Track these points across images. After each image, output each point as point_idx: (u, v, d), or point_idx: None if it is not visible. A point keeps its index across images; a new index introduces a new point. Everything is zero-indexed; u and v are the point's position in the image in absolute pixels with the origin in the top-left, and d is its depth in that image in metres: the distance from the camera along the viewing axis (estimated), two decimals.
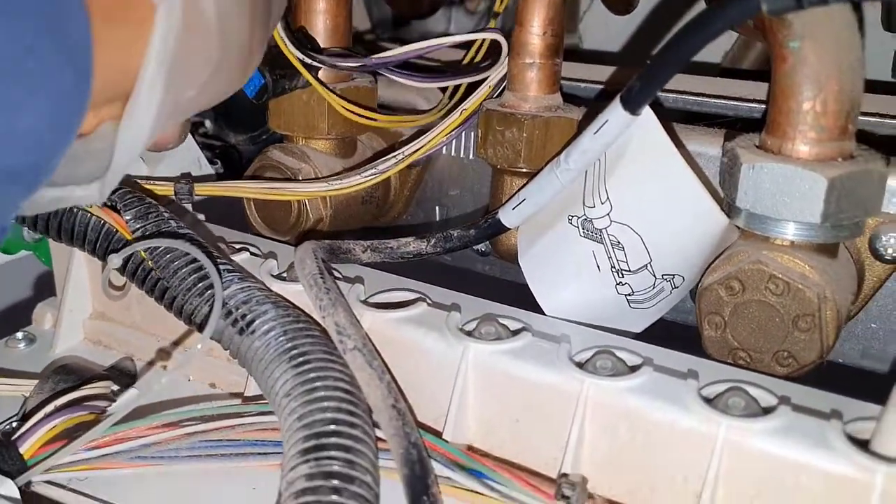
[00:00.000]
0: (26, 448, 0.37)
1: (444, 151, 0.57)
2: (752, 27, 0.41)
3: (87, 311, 0.51)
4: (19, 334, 0.50)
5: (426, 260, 0.51)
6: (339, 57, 0.51)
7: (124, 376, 0.46)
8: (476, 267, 0.58)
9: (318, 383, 0.35)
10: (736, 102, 0.52)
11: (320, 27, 0.52)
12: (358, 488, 0.31)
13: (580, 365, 0.37)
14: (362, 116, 0.51)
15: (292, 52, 0.49)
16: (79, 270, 0.50)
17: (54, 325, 0.51)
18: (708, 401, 0.34)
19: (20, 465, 0.36)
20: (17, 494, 0.34)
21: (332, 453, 0.32)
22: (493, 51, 0.51)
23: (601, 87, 0.54)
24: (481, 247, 0.55)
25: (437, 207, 0.58)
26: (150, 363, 0.48)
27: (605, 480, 0.36)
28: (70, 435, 0.38)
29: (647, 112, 0.40)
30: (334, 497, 0.30)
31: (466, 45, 0.55)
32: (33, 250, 0.53)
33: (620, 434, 0.35)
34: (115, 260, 0.40)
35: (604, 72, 0.56)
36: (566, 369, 0.36)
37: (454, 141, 0.56)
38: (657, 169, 0.41)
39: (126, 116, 0.31)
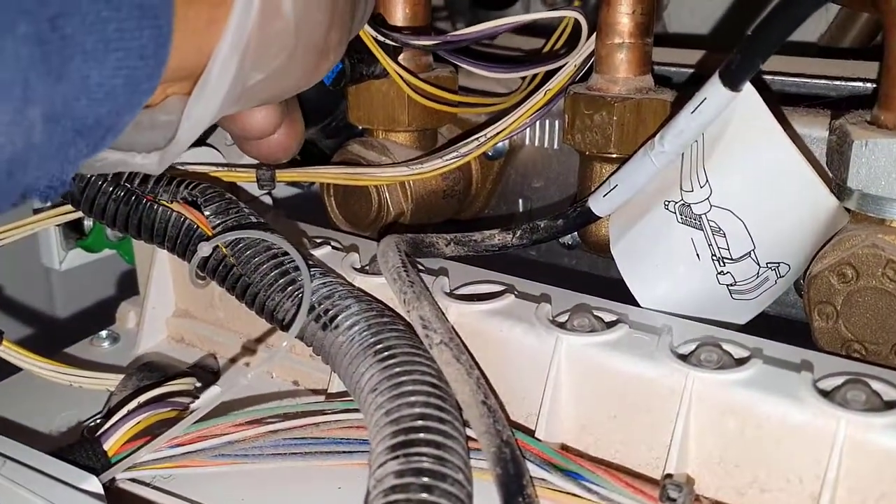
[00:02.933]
0: (110, 445, 0.36)
1: (526, 142, 0.55)
2: None
3: (170, 308, 0.51)
4: (103, 333, 0.50)
5: (511, 253, 0.49)
6: (412, 34, 0.49)
7: (207, 374, 0.46)
8: (562, 261, 0.56)
9: (404, 377, 0.34)
10: (837, 82, 0.48)
11: (399, 15, 0.50)
12: (450, 486, 0.29)
13: (683, 357, 0.34)
14: (437, 101, 0.50)
15: (365, 30, 0.47)
16: (161, 268, 0.49)
17: (138, 324, 0.51)
18: (825, 394, 0.32)
19: (104, 461, 0.36)
20: (101, 491, 0.33)
21: (422, 449, 0.30)
22: (574, 38, 0.49)
23: (691, 70, 0.52)
24: (568, 240, 0.53)
25: (520, 200, 0.56)
26: (233, 360, 0.47)
27: (712, 481, 0.34)
28: (153, 432, 0.37)
29: (748, 88, 0.37)
30: (424, 495, 0.29)
31: (546, 30, 0.53)
32: (116, 249, 0.53)
33: (728, 431, 0.33)
34: (205, 248, 0.39)
35: (693, 55, 0.53)
36: (668, 362, 0.34)
37: (537, 131, 0.54)
38: (760, 148, 0.38)
39: (196, 91, 0.32)
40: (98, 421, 0.39)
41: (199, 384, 0.42)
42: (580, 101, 0.45)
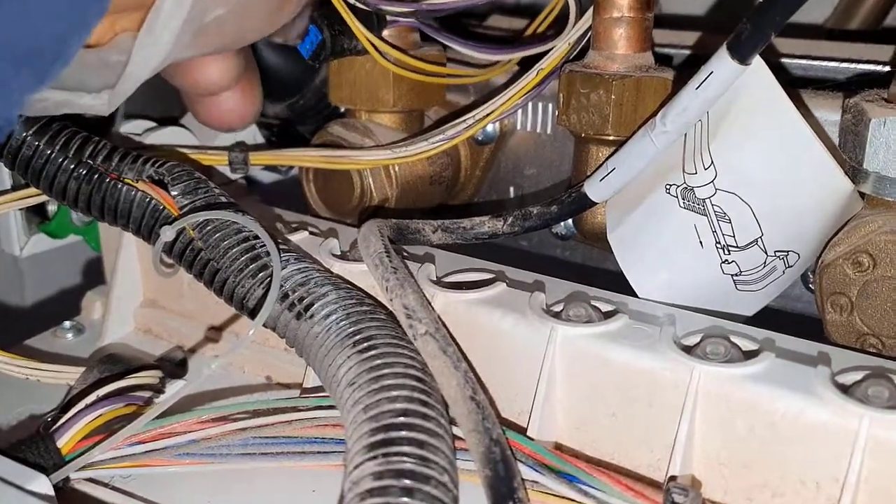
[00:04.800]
0: (64, 441, 0.33)
1: (518, 127, 0.52)
2: None
3: (137, 299, 0.47)
4: (67, 324, 0.47)
5: (501, 244, 0.47)
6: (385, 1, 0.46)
7: (175, 367, 0.43)
8: (555, 253, 0.53)
9: (385, 370, 0.31)
10: (846, 64, 0.46)
11: None
12: (434, 489, 0.27)
13: (688, 350, 0.32)
14: (416, 72, 0.47)
15: None
16: (128, 255, 0.46)
17: (103, 315, 0.48)
18: (844, 390, 0.29)
19: (57, 459, 0.33)
20: (51, 492, 0.30)
21: (404, 448, 0.28)
22: (564, 18, 0.46)
23: (688, 51, 0.49)
24: (561, 230, 0.50)
25: (511, 188, 0.54)
26: (195, 351, 0.44)
27: (719, 485, 0.31)
28: (113, 428, 0.34)
29: (757, 61, 0.35)
30: (406, 499, 0.26)
31: (533, 10, 0.50)
32: (82, 234, 0.50)
33: (738, 429, 0.30)
34: (168, 233, 0.36)
35: (690, 37, 0.50)
36: (672, 354, 0.31)
37: (529, 115, 0.51)
38: (770, 127, 0.36)
39: (150, 19, 0.29)
40: (53, 416, 0.36)
41: (164, 377, 0.39)
42: (576, 80, 0.42)
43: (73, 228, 0.49)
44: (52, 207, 0.49)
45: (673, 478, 0.30)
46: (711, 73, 0.35)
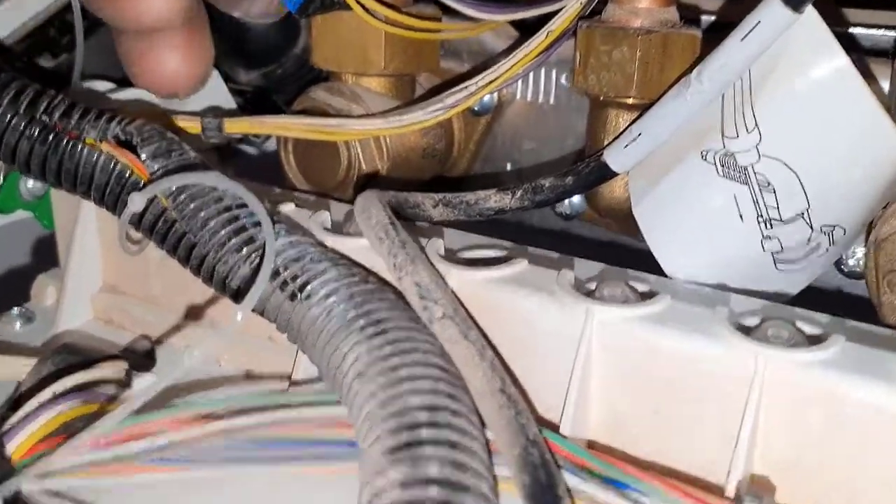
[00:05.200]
0: (15, 446, 0.28)
1: (517, 96, 0.48)
2: None
3: (96, 283, 0.42)
4: (15, 311, 0.42)
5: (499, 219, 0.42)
6: None
7: (141, 359, 0.38)
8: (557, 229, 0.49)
9: (402, 356, 0.26)
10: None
11: None
12: (473, 501, 0.22)
13: (747, 332, 0.28)
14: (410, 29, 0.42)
15: None
16: (86, 233, 0.41)
17: (57, 301, 0.42)
18: None
19: (6, 468, 0.28)
20: None
21: (433, 451, 0.23)
22: None
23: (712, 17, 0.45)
24: (566, 208, 0.46)
25: (508, 164, 0.49)
26: (163, 341, 0.39)
27: (787, 488, 0.27)
28: (72, 430, 0.29)
29: (810, 11, 0.31)
30: None
31: None
32: (32, 210, 0.44)
33: (812, 424, 0.26)
34: (137, 200, 0.31)
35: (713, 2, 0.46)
36: (731, 338, 0.27)
37: (531, 83, 0.47)
38: (824, 85, 0.32)
39: None
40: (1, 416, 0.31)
41: (130, 370, 0.34)
42: (595, 36, 0.38)
43: (21, 203, 0.44)
44: None
45: (744, 482, 0.26)
46: (759, 22, 0.31)
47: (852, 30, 0.42)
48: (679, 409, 0.28)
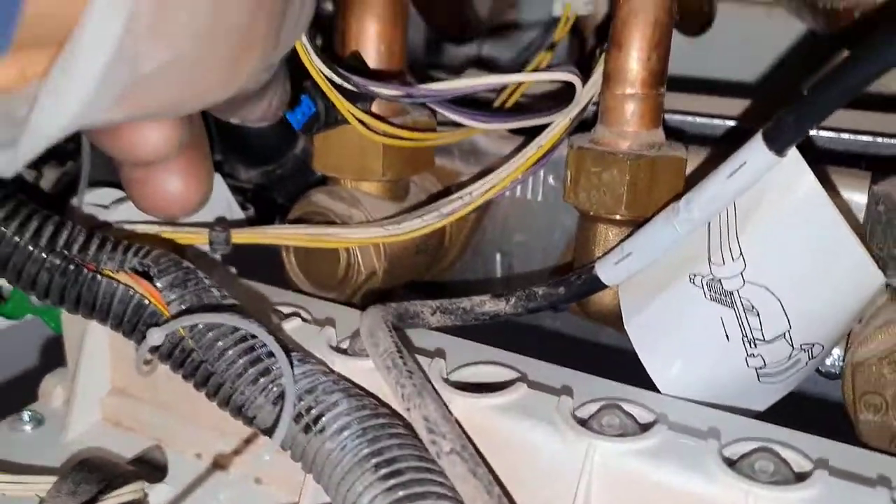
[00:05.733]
0: None
1: (506, 193, 0.50)
2: None
3: (104, 386, 0.43)
4: (25, 415, 0.43)
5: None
6: (375, 81, 0.43)
7: (153, 470, 0.39)
8: (545, 323, 0.51)
9: (415, 501, 0.28)
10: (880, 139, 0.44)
11: (372, 54, 0.45)
12: None
13: (737, 468, 0.29)
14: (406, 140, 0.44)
15: (316, 68, 0.40)
16: (95, 338, 0.42)
17: (65, 402, 0.43)
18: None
19: None
20: None
21: None
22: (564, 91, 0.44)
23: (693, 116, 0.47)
24: None
25: (498, 255, 0.51)
26: (173, 446, 0.40)
27: None
28: None
29: (794, 153, 0.33)
30: None
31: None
32: (41, 315, 0.45)
33: None
34: (157, 335, 0.32)
35: (694, 101, 0.49)
36: (724, 477, 0.29)
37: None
38: (805, 221, 0.34)
39: (57, 64, 0.23)
40: None
41: (145, 489, 0.36)
42: (586, 157, 0.40)
43: (30, 309, 0.45)
44: (7, 286, 0.45)
45: None
46: (745, 162, 0.33)
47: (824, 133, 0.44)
48: None
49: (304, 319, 0.40)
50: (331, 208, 0.45)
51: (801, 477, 0.29)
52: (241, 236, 0.42)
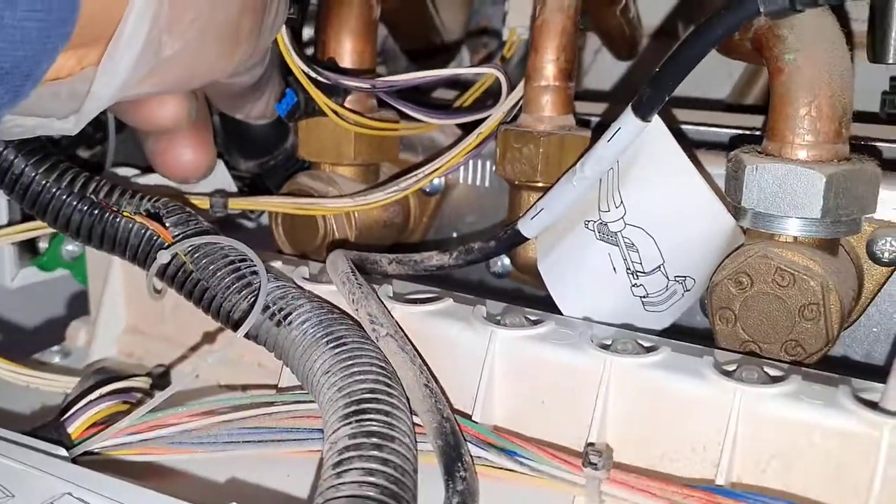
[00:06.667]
0: (73, 429, 0.39)
1: (460, 181, 0.60)
2: (751, 47, 0.45)
3: (120, 325, 0.53)
4: (54, 348, 0.52)
5: (446, 276, 0.53)
6: (343, 74, 0.53)
7: (159, 379, 0.48)
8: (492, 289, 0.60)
9: (355, 360, 0.37)
10: (732, 130, 0.54)
11: (347, 59, 0.55)
12: (398, 446, 0.33)
13: (603, 347, 0.39)
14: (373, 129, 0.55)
15: (296, 63, 0.50)
16: (115, 285, 0.52)
17: (87, 342, 0.53)
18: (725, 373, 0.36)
19: (69, 443, 0.38)
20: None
21: (372, 416, 0.34)
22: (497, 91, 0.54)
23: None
24: (498, 269, 0.57)
25: (454, 234, 0.61)
26: (176, 367, 0.50)
27: (629, 452, 0.38)
28: (112, 420, 0.40)
29: (656, 120, 0.43)
30: (375, 452, 0.32)
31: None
32: (70, 269, 0.55)
33: (641, 408, 0.37)
34: (164, 256, 0.42)
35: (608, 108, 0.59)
36: (590, 350, 0.38)
37: (470, 171, 0.59)
38: (667, 172, 0.44)
39: (108, 50, 0.33)
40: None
41: (152, 385, 0.45)
42: (510, 136, 0.50)
43: (62, 263, 0.54)
44: (42, 244, 0.55)
45: (591, 444, 0.37)
46: (620, 128, 0.43)
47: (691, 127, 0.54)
48: (557, 402, 0.39)
49: (284, 262, 0.49)
50: (312, 186, 0.55)
51: (778, 379, 0.36)
52: (238, 202, 0.52)
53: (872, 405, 0.34)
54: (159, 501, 0.31)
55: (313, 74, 0.51)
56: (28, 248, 0.55)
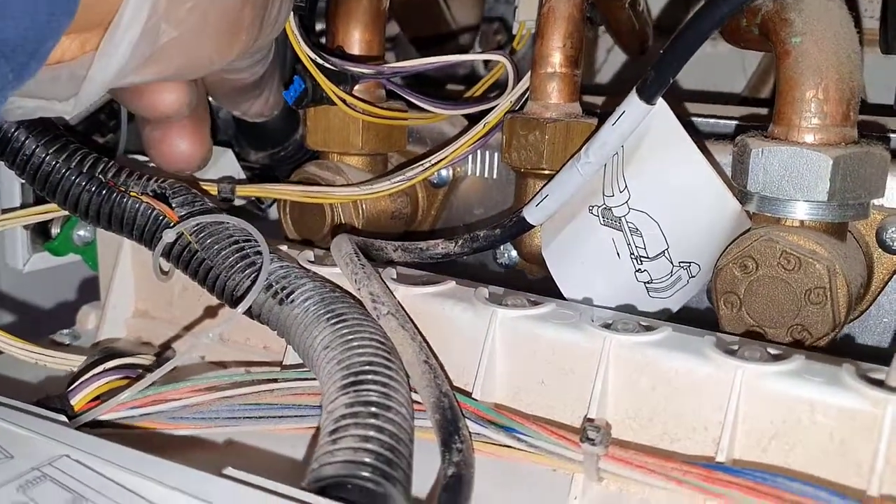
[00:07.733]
0: (76, 401, 0.39)
1: (468, 173, 0.60)
2: (758, 33, 0.45)
3: (129, 309, 0.53)
4: (65, 331, 0.53)
5: (453, 263, 0.53)
6: (351, 61, 0.54)
7: (163, 359, 0.48)
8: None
9: (355, 335, 0.37)
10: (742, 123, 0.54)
11: (356, 47, 0.55)
12: (394, 416, 0.33)
13: (603, 326, 0.39)
14: (380, 118, 0.55)
15: (303, 49, 0.51)
16: (124, 269, 0.53)
17: (97, 326, 0.53)
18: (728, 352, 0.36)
19: (72, 413, 0.38)
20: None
21: (370, 387, 0.34)
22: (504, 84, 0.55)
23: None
24: (505, 259, 0.57)
25: (462, 226, 0.61)
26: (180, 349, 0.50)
27: (629, 431, 0.38)
28: (115, 394, 0.40)
29: (661, 103, 0.43)
30: (372, 420, 0.32)
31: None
32: (81, 254, 0.56)
33: (641, 386, 0.37)
34: (170, 234, 0.42)
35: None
36: (590, 328, 0.38)
37: (478, 163, 0.59)
38: (672, 157, 0.44)
39: (107, 34, 0.34)
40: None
41: (155, 361, 0.45)
42: (516, 123, 0.50)
43: (73, 248, 0.55)
44: (55, 230, 0.55)
45: (589, 420, 0.37)
46: (624, 112, 0.43)
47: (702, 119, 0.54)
48: (557, 380, 0.39)
49: (290, 247, 0.50)
50: (319, 175, 0.56)
51: (780, 358, 0.36)
52: (245, 189, 0.53)
53: (878, 383, 0.33)
54: (156, 464, 0.31)
55: (320, 61, 0.51)
56: (41, 233, 0.55)
